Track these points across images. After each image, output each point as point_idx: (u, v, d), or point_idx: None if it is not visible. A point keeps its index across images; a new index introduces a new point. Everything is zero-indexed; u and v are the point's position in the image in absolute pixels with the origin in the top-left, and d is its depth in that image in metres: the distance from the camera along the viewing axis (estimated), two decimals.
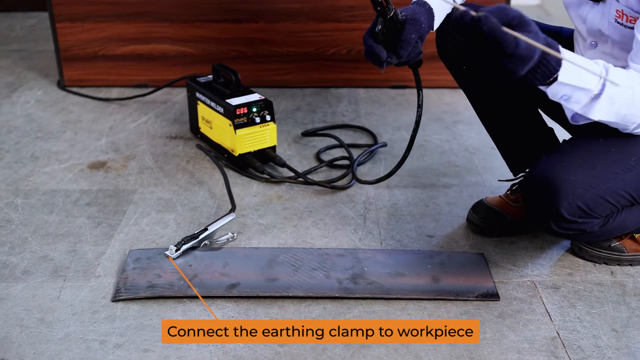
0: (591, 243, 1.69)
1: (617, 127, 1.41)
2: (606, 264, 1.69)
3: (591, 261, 1.70)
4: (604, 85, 1.31)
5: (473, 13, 1.14)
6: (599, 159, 1.46)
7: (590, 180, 1.44)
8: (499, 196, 1.84)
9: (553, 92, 1.31)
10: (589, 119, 1.37)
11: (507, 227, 1.80)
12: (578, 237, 1.59)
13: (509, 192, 1.84)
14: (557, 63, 1.25)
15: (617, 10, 1.45)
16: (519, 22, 1.17)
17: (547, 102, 1.50)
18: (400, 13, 1.42)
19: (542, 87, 1.31)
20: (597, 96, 1.32)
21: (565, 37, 1.70)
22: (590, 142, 1.49)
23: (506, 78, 1.22)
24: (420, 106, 1.57)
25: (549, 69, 1.25)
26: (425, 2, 1.49)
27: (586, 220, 1.49)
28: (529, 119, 1.80)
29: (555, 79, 1.27)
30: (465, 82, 1.80)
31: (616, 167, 1.46)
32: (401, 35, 1.40)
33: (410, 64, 1.50)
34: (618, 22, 1.46)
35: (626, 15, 1.44)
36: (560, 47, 1.27)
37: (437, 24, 1.53)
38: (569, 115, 1.51)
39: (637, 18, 1.41)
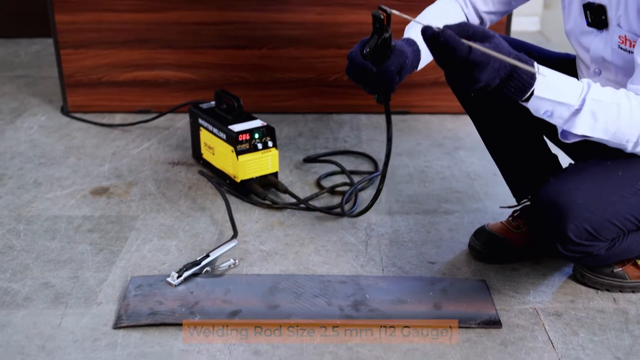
0: (593, 269, 1.69)
1: (614, 145, 1.41)
2: (608, 290, 1.69)
3: (593, 288, 1.70)
4: (584, 100, 1.32)
5: (435, 28, 1.23)
6: (606, 182, 1.46)
7: (597, 203, 1.45)
8: (501, 222, 1.84)
9: (534, 107, 1.34)
10: (576, 135, 1.37)
11: (509, 254, 1.80)
12: (584, 260, 1.59)
13: (511, 218, 1.84)
14: (531, 77, 1.29)
15: (620, 37, 1.47)
16: (482, 36, 1.26)
17: (551, 128, 1.50)
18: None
19: (523, 104, 1.34)
20: (578, 111, 1.33)
21: (572, 62, 1.71)
22: (597, 165, 1.49)
23: (472, 86, 1.27)
24: (389, 140, 1.55)
25: (522, 82, 1.28)
26: (414, 42, 1.50)
27: (593, 243, 1.49)
28: (533, 145, 1.80)
29: (532, 93, 1.30)
30: (470, 106, 1.80)
31: (623, 190, 1.46)
32: (382, 65, 1.39)
33: (380, 96, 1.46)
34: (621, 48, 1.47)
35: (629, 41, 1.45)
36: (535, 62, 1.29)
37: (422, 65, 1.54)
38: (559, 131, 1.52)
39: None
